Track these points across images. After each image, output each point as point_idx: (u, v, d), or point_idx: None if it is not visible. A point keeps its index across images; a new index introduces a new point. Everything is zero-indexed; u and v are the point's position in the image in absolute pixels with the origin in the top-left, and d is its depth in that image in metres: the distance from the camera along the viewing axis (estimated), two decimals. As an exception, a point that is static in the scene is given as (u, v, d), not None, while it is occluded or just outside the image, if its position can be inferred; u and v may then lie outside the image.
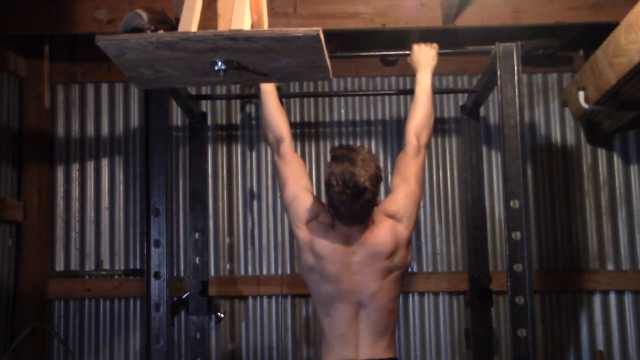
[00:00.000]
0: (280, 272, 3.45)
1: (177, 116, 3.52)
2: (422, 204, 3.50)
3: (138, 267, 3.44)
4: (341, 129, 3.56)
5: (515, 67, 2.55)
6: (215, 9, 1.88)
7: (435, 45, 2.65)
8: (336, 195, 2.13)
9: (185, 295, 3.11)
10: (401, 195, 2.32)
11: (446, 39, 3.05)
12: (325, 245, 2.22)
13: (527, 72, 3.52)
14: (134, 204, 3.50)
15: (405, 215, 2.28)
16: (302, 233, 2.26)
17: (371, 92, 3.53)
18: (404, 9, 3.01)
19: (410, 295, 3.44)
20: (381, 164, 3.47)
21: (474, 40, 2.99)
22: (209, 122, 3.49)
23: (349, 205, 2.14)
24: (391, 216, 2.27)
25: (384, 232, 2.24)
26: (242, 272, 3.47)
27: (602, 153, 3.53)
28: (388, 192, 2.44)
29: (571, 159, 3.53)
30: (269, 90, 2.45)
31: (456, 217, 3.50)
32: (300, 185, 2.34)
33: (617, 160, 3.52)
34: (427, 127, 2.45)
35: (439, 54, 2.64)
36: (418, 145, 2.41)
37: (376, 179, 2.16)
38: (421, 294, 3.46)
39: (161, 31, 1.87)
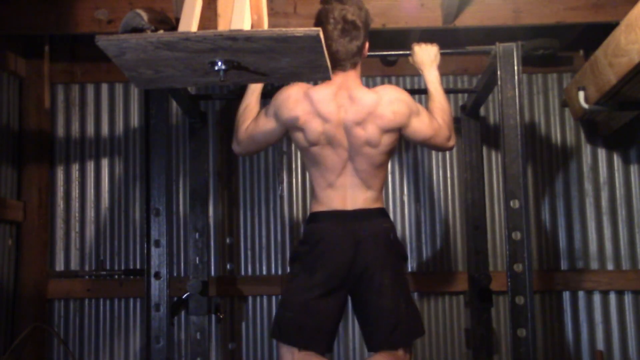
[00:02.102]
0: (280, 272, 3.45)
1: (177, 116, 3.52)
2: (422, 203, 3.51)
3: (138, 267, 3.43)
4: (341, 129, 3.55)
5: (515, 67, 2.55)
6: (215, 9, 1.88)
7: (435, 44, 2.65)
8: (327, 32, 2.22)
9: (186, 295, 3.10)
10: (409, 101, 2.33)
11: (446, 39, 3.05)
12: (318, 92, 2.27)
13: (527, 72, 3.52)
14: (134, 204, 3.50)
15: (398, 108, 2.28)
16: (299, 106, 2.26)
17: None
18: (404, 9, 3.01)
19: (411, 295, 3.44)
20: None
21: (474, 40, 2.98)
22: (209, 122, 3.49)
23: (338, 40, 2.24)
24: (386, 93, 2.30)
25: (370, 95, 2.27)
26: (242, 272, 3.47)
27: (602, 153, 3.53)
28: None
29: (571, 159, 3.53)
30: (252, 88, 2.50)
31: (456, 217, 3.50)
32: (270, 103, 2.37)
33: (617, 160, 3.52)
34: (449, 119, 2.46)
35: (440, 54, 2.64)
36: (445, 134, 2.42)
37: (365, 21, 2.29)
38: (421, 294, 3.46)
39: (161, 31, 1.87)
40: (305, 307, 2.22)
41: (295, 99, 2.28)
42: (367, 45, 2.35)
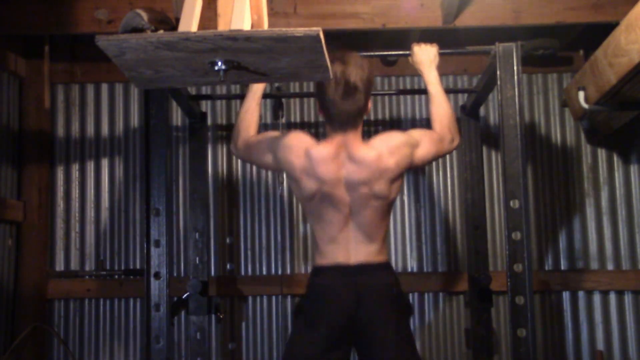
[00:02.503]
0: (280, 272, 3.45)
1: (177, 116, 3.52)
2: (422, 203, 3.51)
3: (138, 267, 3.43)
4: (341, 129, 3.55)
5: (515, 67, 2.55)
6: (215, 9, 1.88)
7: (435, 44, 2.65)
8: (327, 95, 2.18)
9: (186, 295, 3.10)
10: (406, 137, 2.33)
11: (446, 39, 3.05)
12: (317, 151, 2.24)
13: (527, 72, 3.52)
14: (134, 204, 3.50)
15: (400, 153, 2.28)
16: (297, 160, 2.25)
17: (371, 92, 3.51)
18: (404, 9, 3.01)
19: (410, 295, 3.44)
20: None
21: (474, 40, 2.98)
22: (209, 122, 3.49)
23: (340, 104, 2.19)
24: (386, 145, 2.27)
25: (372, 154, 2.24)
26: (242, 272, 3.47)
27: (602, 153, 3.53)
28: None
29: (571, 159, 3.53)
30: (253, 90, 2.50)
31: (456, 217, 3.50)
32: (273, 135, 2.38)
33: (617, 160, 3.52)
34: (453, 120, 2.46)
35: (439, 54, 2.64)
36: (451, 138, 2.43)
37: (368, 81, 2.24)
38: (421, 294, 3.46)
39: (161, 31, 1.87)
40: None
41: (296, 154, 2.26)
42: (370, 104, 2.32)
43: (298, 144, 2.27)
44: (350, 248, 2.26)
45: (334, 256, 2.26)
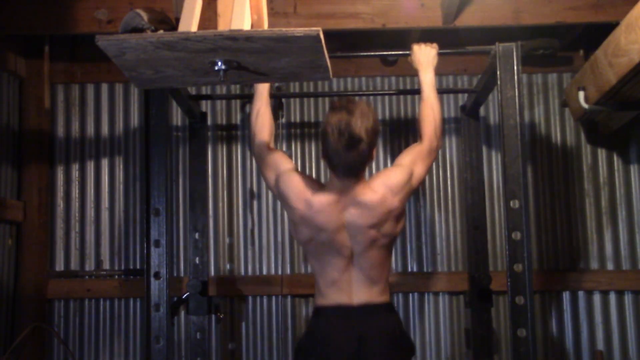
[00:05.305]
0: (280, 272, 3.45)
1: (177, 116, 3.52)
2: (422, 203, 3.51)
3: (138, 267, 3.43)
4: (341, 129, 3.55)
5: (515, 67, 2.55)
6: (215, 9, 1.88)
7: (435, 45, 2.66)
8: (331, 144, 2.15)
9: (185, 295, 3.10)
10: (404, 172, 2.31)
11: (446, 39, 3.05)
12: (318, 199, 2.22)
13: (527, 72, 3.52)
14: (134, 204, 3.50)
15: (402, 191, 2.27)
16: (297, 206, 2.24)
17: (371, 92, 3.53)
18: (404, 9, 3.01)
19: (410, 295, 3.45)
20: (381, 164, 3.50)
21: (474, 40, 2.98)
22: (209, 122, 3.49)
23: (343, 154, 2.15)
24: (388, 186, 2.26)
25: (376, 198, 2.23)
26: (242, 272, 3.47)
27: (602, 153, 3.53)
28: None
29: (571, 159, 3.53)
30: (259, 91, 2.50)
31: (456, 217, 3.50)
32: (284, 166, 2.35)
33: (617, 160, 3.52)
34: (440, 125, 2.47)
35: (439, 54, 2.64)
36: (437, 145, 2.44)
37: (373, 131, 2.17)
38: (421, 294, 3.46)
39: (161, 31, 1.87)
40: None
41: (296, 200, 2.25)
42: (374, 152, 2.26)
43: (300, 191, 2.25)
44: (352, 290, 2.25)
45: (336, 297, 2.25)
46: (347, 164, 2.18)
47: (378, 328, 2.23)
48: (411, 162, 2.35)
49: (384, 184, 2.26)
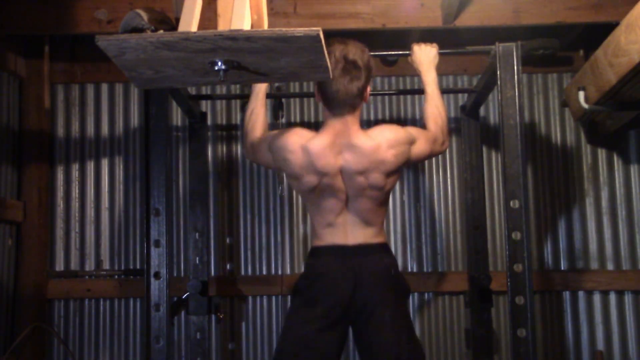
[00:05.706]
0: (280, 272, 3.45)
1: (177, 116, 3.52)
2: (422, 203, 3.51)
3: (138, 267, 3.44)
4: (341, 129, 3.55)
5: (515, 67, 2.55)
6: (215, 9, 1.88)
7: (435, 45, 2.65)
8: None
9: (185, 295, 3.11)
10: (406, 133, 2.32)
11: (446, 39, 3.05)
12: (314, 144, 2.23)
13: (527, 72, 3.52)
14: (134, 204, 3.50)
15: (398, 147, 2.27)
16: (295, 157, 2.24)
17: (371, 92, 3.51)
18: (404, 9, 3.01)
19: (411, 295, 3.44)
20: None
21: (474, 40, 2.98)
22: (209, 122, 3.49)
23: (338, 81, 2.18)
24: (385, 137, 2.26)
25: (370, 144, 2.23)
26: (242, 272, 3.47)
27: (602, 153, 3.53)
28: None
29: (571, 159, 3.53)
30: (256, 91, 2.51)
31: (456, 217, 3.50)
32: (272, 133, 2.39)
33: (617, 160, 3.52)
34: (445, 122, 2.47)
35: (439, 54, 2.64)
36: (442, 140, 2.45)
37: (368, 63, 2.23)
38: (421, 294, 3.46)
39: (161, 31, 1.87)
40: (306, 340, 2.21)
41: (293, 152, 2.25)
42: (369, 89, 2.30)
43: (294, 141, 2.27)
44: (347, 231, 2.27)
45: (332, 238, 2.28)
46: (342, 92, 2.20)
47: (374, 268, 2.25)
48: (416, 134, 2.36)
49: (382, 134, 2.27)
